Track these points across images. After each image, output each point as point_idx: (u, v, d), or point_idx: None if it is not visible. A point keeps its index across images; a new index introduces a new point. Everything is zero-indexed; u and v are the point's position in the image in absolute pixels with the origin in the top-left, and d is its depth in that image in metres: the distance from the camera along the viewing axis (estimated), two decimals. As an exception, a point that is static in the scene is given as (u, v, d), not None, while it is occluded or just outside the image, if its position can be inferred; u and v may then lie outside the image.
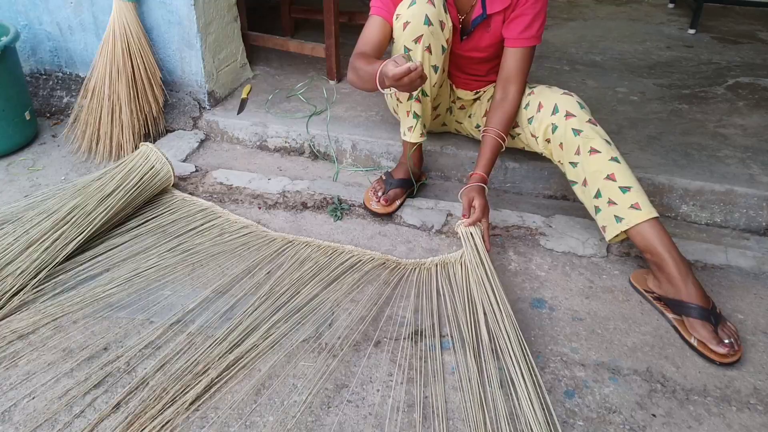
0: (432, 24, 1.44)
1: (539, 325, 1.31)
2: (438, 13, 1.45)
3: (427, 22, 1.43)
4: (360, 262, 1.49)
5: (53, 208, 1.51)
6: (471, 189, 1.48)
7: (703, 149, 1.84)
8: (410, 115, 1.60)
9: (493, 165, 1.53)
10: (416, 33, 1.45)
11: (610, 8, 3.40)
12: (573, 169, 1.43)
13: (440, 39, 1.48)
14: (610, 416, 1.10)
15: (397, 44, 1.51)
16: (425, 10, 1.43)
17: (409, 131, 1.63)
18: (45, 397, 1.11)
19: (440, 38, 1.48)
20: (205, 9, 1.98)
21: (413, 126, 1.61)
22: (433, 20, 1.44)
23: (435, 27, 1.45)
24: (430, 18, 1.43)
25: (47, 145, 2.07)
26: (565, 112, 1.42)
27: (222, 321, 1.29)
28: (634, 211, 1.32)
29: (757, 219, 1.65)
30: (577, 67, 2.49)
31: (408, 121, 1.62)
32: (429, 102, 1.60)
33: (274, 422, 1.07)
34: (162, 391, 1.10)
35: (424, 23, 1.43)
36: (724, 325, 1.25)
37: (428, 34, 1.45)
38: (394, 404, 1.11)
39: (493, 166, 1.53)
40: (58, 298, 1.34)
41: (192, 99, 2.12)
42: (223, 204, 1.74)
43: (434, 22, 1.44)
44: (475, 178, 1.49)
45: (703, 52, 2.68)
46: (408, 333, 1.28)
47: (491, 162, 1.52)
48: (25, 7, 2.14)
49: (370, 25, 1.55)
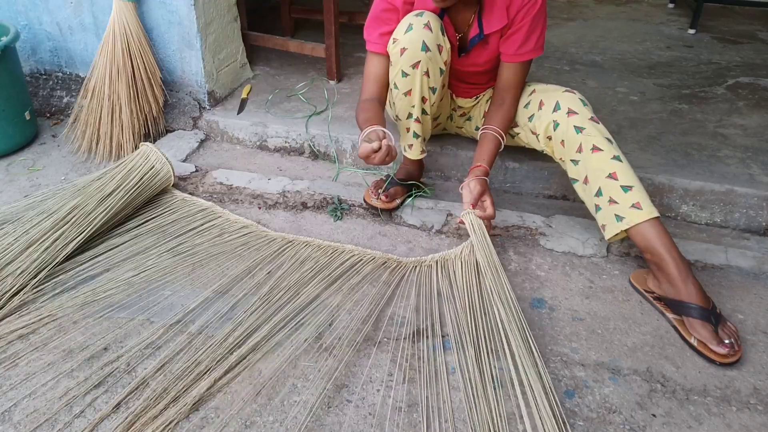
0: (430, 50, 1.44)
1: (539, 325, 1.31)
2: (435, 37, 1.44)
3: (424, 49, 1.43)
4: (360, 262, 1.49)
5: (53, 208, 1.51)
6: (478, 181, 1.46)
7: (703, 149, 1.84)
8: (410, 132, 1.60)
9: (493, 159, 1.52)
10: (414, 59, 1.45)
11: (610, 8, 3.40)
12: (574, 166, 1.43)
13: (438, 63, 1.48)
14: (610, 416, 1.10)
15: (395, 68, 1.50)
16: (422, 37, 1.42)
17: (409, 149, 1.64)
18: (45, 398, 1.11)
19: (438, 62, 1.48)
20: (205, 9, 1.98)
21: (413, 144, 1.62)
22: (430, 46, 1.43)
23: (433, 52, 1.44)
24: (427, 44, 1.43)
25: (47, 145, 2.07)
26: (567, 110, 1.42)
27: (222, 321, 1.29)
28: (635, 210, 1.32)
29: (757, 219, 1.65)
30: (577, 67, 2.49)
31: (408, 138, 1.62)
32: (429, 120, 1.60)
33: (274, 422, 1.07)
34: (162, 391, 1.10)
35: (421, 50, 1.43)
36: (725, 325, 1.25)
37: (426, 60, 1.45)
38: (394, 404, 1.11)
39: (493, 161, 1.53)
40: (59, 298, 1.34)
41: (192, 99, 2.12)
42: (223, 204, 1.74)
43: (432, 47, 1.44)
44: (479, 171, 1.48)
45: (703, 52, 2.68)
46: (408, 333, 1.28)
47: (492, 156, 1.51)
48: (25, 7, 2.14)
49: (369, 63, 1.57)
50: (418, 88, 1.49)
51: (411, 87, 1.50)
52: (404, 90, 1.51)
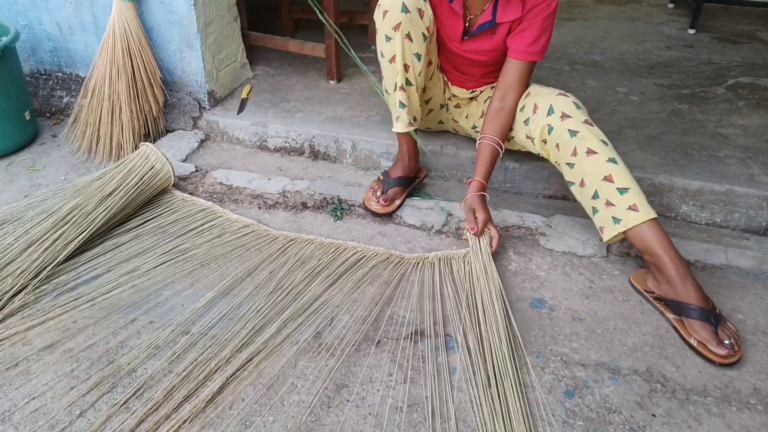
0: (410, 11, 1.46)
1: (539, 325, 1.31)
2: (416, 0, 1.47)
3: (404, 10, 1.46)
4: (364, 258, 1.49)
5: (53, 208, 1.51)
6: (471, 200, 1.49)
7: (703, 149, 1.84)
8: (396, 104, 1.61)
9: (491, 171, 1.53)
10: (395, 21, 1.47)
11: (610, 8, 3.40)
12: (570, 169, 1.43)
13: (419, 26, 1.50)
14: (610, 416, 1.10)
15: (380, 34, 1.53)
16: None
17: (396, 122, 1.64)
18: (45, 398, 1.11)
19: (419, 25, 1.50)
20: (205, 9, 1.98)
21: (399, 116, 1.62)
22: (410, 7, 1.46)
23: (413, 14, 1.47)
24: (407, 6, 1.46)
25: (47, 145, 2.07)
26: (560, 113, 1.42)
27: (224, 322, 1.29)
28: (632, 212, 1.32)
29: (757, 219, 1.65)
30: (577, 67, 2.49)
31: (395, 111, 1.62)
32: (415, 92, 1.59)
33: (274, 422, 1.07)
34: (163, 391, 1.10)
35: (401, 11, 1.46)
36: (724, 326, 1.25)
37: (406, 22, 1.47)
38: (394, 404, 1.11)
39: (491, 173, 1.54)
40: (59, 299, 1.34)
41: (192, 99, 2.12)
42: (223, 204, 1.74)
43: (411, 9, 1.47)
44: (474, 187, 1.50)
45: (703, 52, 2.68)
46: (408, 333, 1.28)
47: (489, 168, 1.52)
48: (25, 7, 2.14)
49: None
50: (400, 53, 1.51)
51: (394, 53, 1.52)
52: (389, 56, 1.53)
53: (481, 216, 1.47)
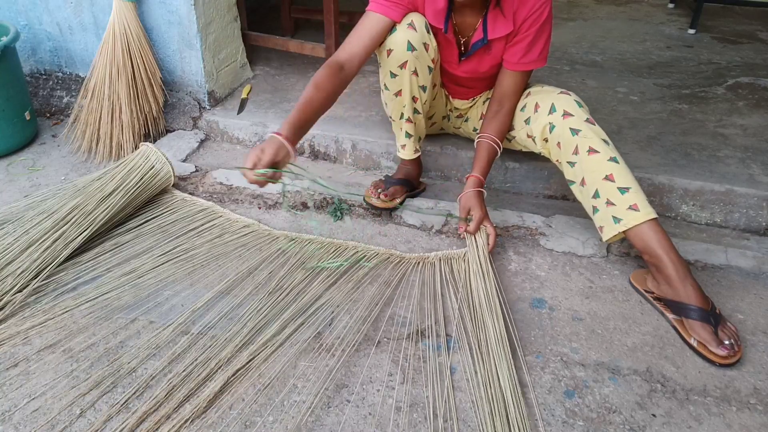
0: (415, 49, 1.45)
1: (539, 325, 1.31)
2: (421, 36, 1.45)
3: (410, 48, 1.44)
4: (364, 258, 1.49)
5: (53, 208, 1.51)
6: (468, 197, 1.48)
7: (703, 149, 1.84)
8: (402, 132, 1.61)
9: (489, 168, 1.53)
10: (401, 60, 1.46)
11: (610, 8, 3.40)
12: (571, 168, 1.43)
13: (426, 60, 1.49)
14: (610, 416, 1.10)
15: (383, 70, 1.52)
16: (407, 37, 1.43)
17: (402, 149, 1.66)
18: (45, 398, 1.11)
19: (425, 60, 1.49)
20: (205, 9, 1.98)
21: (406, 145, 1.64)
22: (416, 45, 1.45)
23: (419, 51, 1.46)
24: (412, 44, 1.44)
25: (47, 145, 2.07)
26: (562, 111, 1.42)
27: (224, 322, 1.29)
28: (632, 212, 1.32)
29: (757, 219, 1.65)
30: (577, 67, 2.49)
31: (401, 138, 1.64)
32: (422, 119, 1.60)
33: (274, 422, 1.07)
34: (163, 392, 1.10)
35: (407, 50, 1.44)
36: (724, 326, 1.25)
37: (413, 60, 1.46)
38: (394, 404, 1.11)
39: (489, 170, 1.54)
40: (59, 299, 1.34)
41: (192, 99, 2.12)
42: (223, 204, 1.74)
43: (417, 46, 1.45)
44: (471, 182, 1.49)
45: (703, 52, 2.68)
46: (409, 333, 1.28)
47: (487, 165, 1.52)
48: (25, 7, 2.14)
49: (363, 19, 1.45)
50: (407, 88, 1.51)
51: (401, 87, 1.51)
52: (394, 91, 1.53)
53: (477, 213, 1.46)
